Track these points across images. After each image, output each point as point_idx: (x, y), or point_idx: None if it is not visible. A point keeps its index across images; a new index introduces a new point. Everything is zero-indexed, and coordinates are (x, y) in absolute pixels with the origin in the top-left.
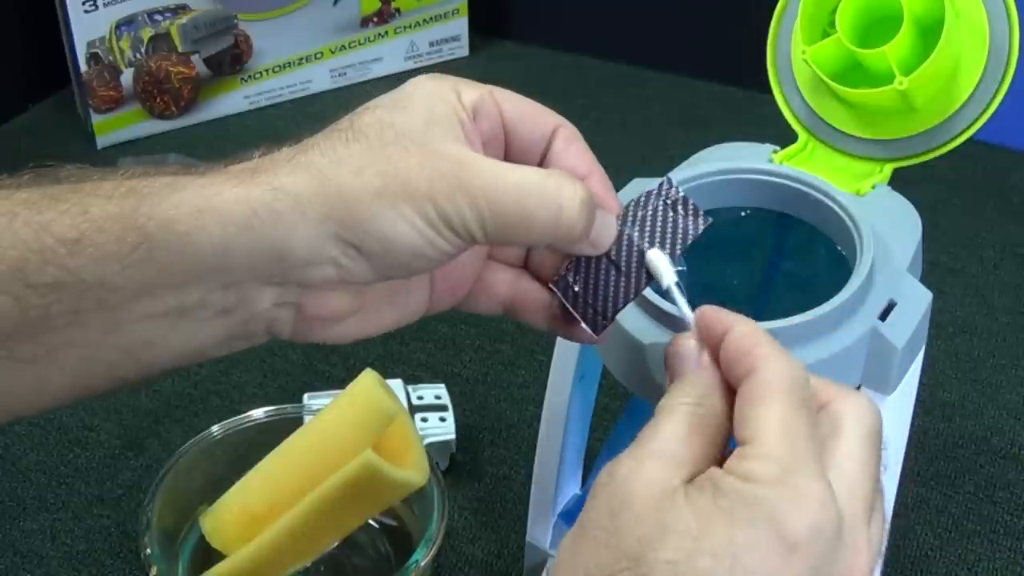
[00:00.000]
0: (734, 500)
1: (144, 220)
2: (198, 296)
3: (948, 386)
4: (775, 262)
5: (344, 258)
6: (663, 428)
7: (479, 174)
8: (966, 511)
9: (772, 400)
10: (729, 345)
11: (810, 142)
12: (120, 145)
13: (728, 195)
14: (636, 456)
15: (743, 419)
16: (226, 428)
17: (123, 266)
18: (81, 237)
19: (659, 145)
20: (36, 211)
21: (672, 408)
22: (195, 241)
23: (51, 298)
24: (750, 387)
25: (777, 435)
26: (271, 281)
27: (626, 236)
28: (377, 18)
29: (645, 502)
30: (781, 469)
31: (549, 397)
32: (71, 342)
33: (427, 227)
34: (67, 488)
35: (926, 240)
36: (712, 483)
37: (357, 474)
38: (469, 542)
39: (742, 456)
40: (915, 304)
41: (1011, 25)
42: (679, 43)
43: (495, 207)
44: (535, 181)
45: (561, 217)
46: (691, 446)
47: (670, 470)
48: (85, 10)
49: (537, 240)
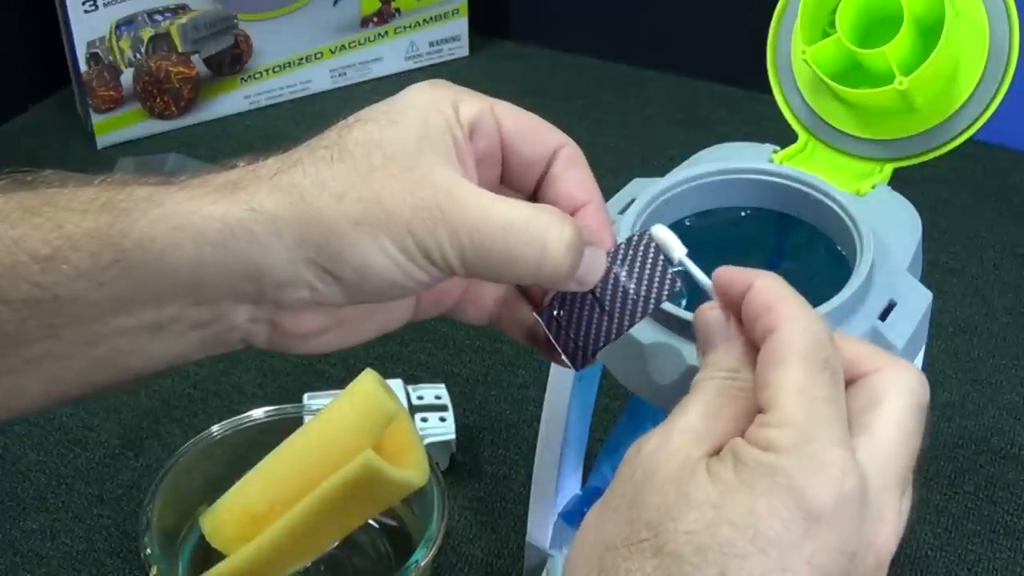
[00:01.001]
0: (753, 470)
1: (119, 238)
2: (173, 312)
3: (948, 386)
4: (775, 262)
5: (319, 283)
6: (693, 403)
7: (464, 208)
8: (966, 511)
9: (790, 362)
10: (750, 303)
11: (810, 142)
12: (120, 145)
13: (728, 195)
14: (664, 431)
15: (763, 384)
16: (226, 428)
17: (98, 283)
18: (55, 254)
19: (659, 145)
20: (9, 225)
21: (702, 383)
22: (170, 259)
23: (25, 313)
24: (769, 349)
25: (795, 400)
26: (246, 299)
27: (612, 275)
28: (377, 18)
29: (667, 473)
30: (799, 436)
31: (549, 397)
32: (47, 354)
33: (404, 258)
34: (67, 488)
35: (926, 240)
36: (733, 453)
37: (357, 474)
38: (469, 542)
39: (761, 424)
40: (915, 304)
41: (1011, 25)
42: (679, 43)
43: (477, 243)
44: (523, 218)
45: (545, 258)
46: (719, 420)
47: (694, 443)
48: (85, 10)
49: (519, 279)
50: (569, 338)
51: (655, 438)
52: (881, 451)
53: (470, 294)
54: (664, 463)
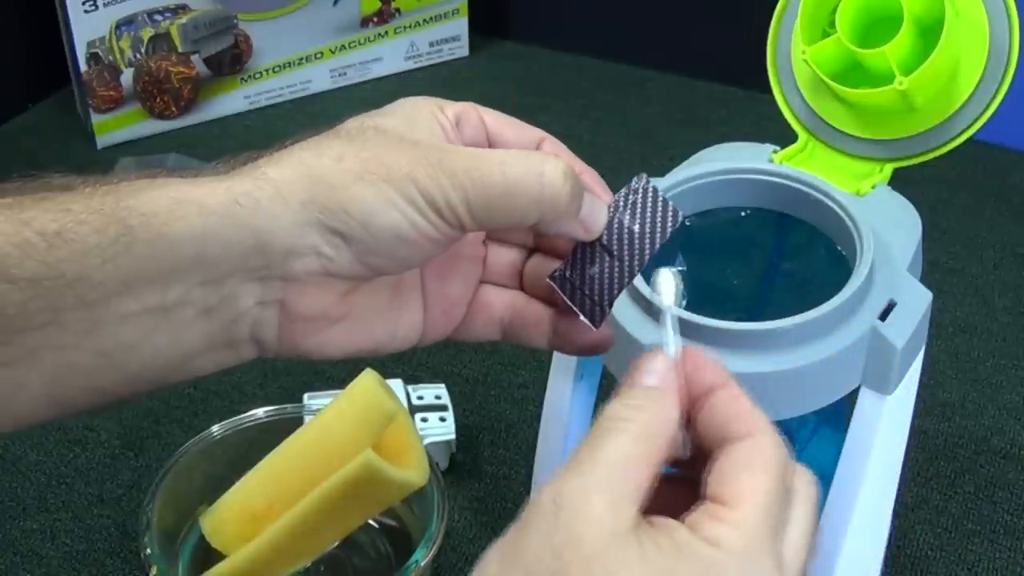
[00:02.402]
0: (694, 565)
1: (125, 213)
2: (179, 292)
3: (948, 386)
4: (775, 262)
5: (327, 247)
6: (609, 449)
7: (459, 155)
8: (966, 511)
9: (765, 472)
10: (726, 401)
11: (810, 142)
12: (120, 145)
13: (728, 195)
14: (583, 485)
15: (726, 479)
16: (226, 428)
17: (103, 260)
18: (62, 230)
19: (659, 145)
20: (19, 210)
21: (620, 421)
22: (175, 231)
23: (29, 293)
24: (746, 449)
25: (758, 508)
26: (253, 276)
27: (616, 221)
28: (377, 18)
29: (594, 547)
30: (749, 541)
31: (549, 397)
32: (49, 343)
33: (411, 209)
34: (67, 488)
35: (926, 240)
36: (672, 539)
37: (357, 474)
38: (469, 542)
39: (714, 517)
40: (915, 304)
41: (1011, 25)
42: (679, 43)
43: (478, 184)
44: (516, 156)
45: (544, 186)
46: (638, 473)
47: (620, 508)
48: (85, 10)
49: (524, 215)
50: (585, 295)
51: (572, 491)
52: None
53: (478, 304)
54: (591, 532)
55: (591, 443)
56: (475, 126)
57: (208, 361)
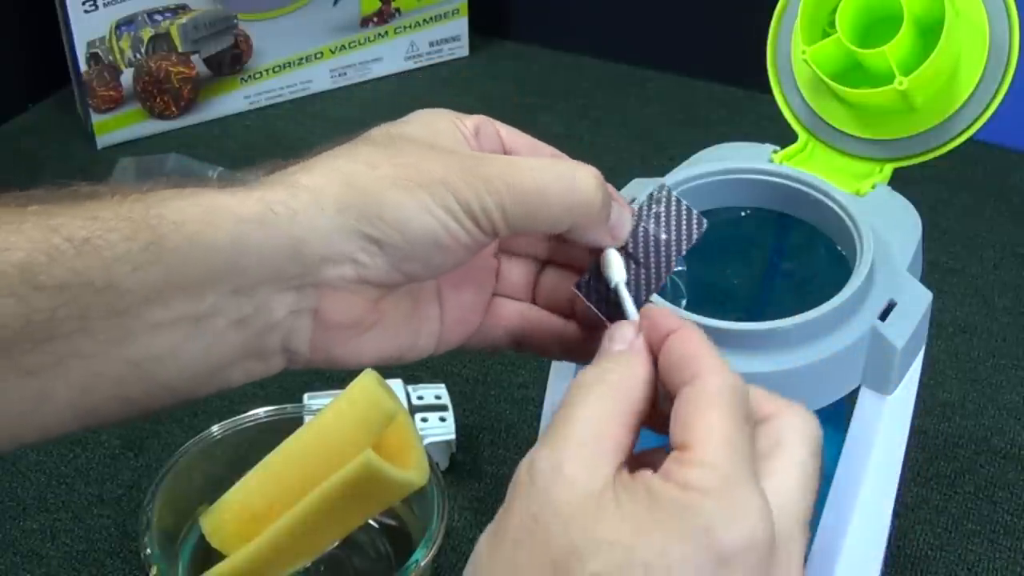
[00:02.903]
0: (668, 508)
1: (155, 220)
2: (211, 302)
3: (948, 386)
4: (775, 262)
5: (362, 254)
6: (579, 413)
7: (494, 161)
8: (966, 511)
9: (717, 409)
10: (674, 345)
11: (810, 142)
12: (120, 145)
13: (728, 195)
14: (556, 451)
15: (684, 424)
16: (226, 428)
17: (133, 267)
18: (91, 236)
19: (659, 145)
20: (47, 216)
21: (589, 386)
22: (208, 239)
23: (58, 301)
24: (695, 392)
25: (719, 444)
26: (288, 284)
27: (641, 229)
28: (377, 18)
29: (571, 507)
30: (721, 479)
31: (549, 397)
32: (77, 352)
33: (447, 215)
34: (67, 488)
35: (926, 240)
36: (646, 489)
37: (357, 474)
38: (469, 542)
39: (680, 462)
40: (915, 304)
41: (1011, 25)
42: (679, 43)
43: (513, 190)
44: (548, 162)
45: (576, 191)
46: (612, 432)
47: (594, 467)
48: (85, 10)
49: (558, 220)
50: (611, 303)
51: (545, 459)
52: (787, 499)
53: (493, 314)
54: (567, 495)
55: (562, 412)
56: (492, 138)
57: (238, 372)
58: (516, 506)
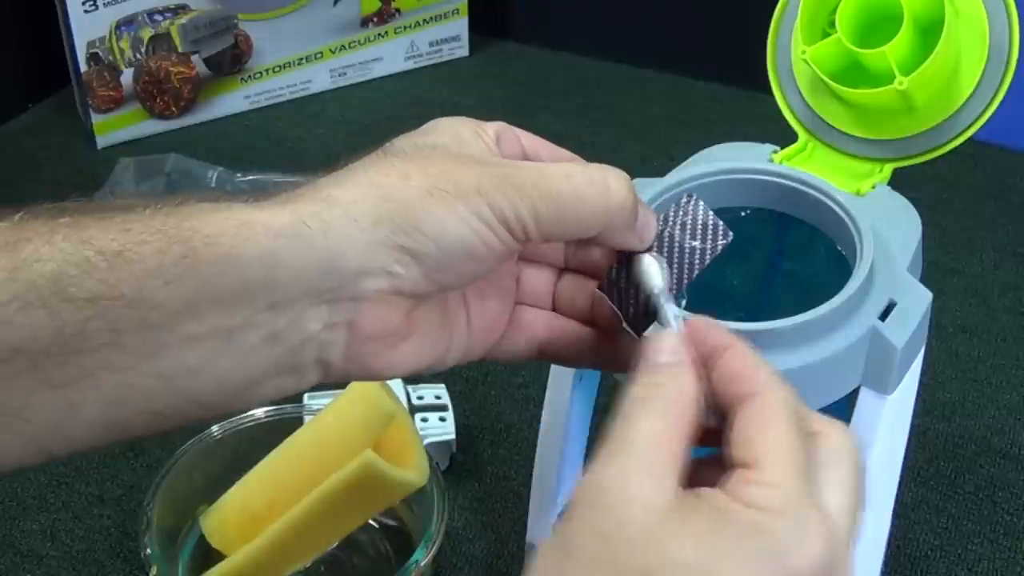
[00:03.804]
0: (738, 528)
1: (189, 233)
2: (244, 316)
3: (948, 386)
4: (775, 262)
5: (398, 265)
6: (640, 429)
7: (525, 169)
8: (966, 511)
9: (779, 427)
10: (731, 362)
11: (810, 142)
12: (120, 145)
13: (728, 195)
14: (621, 469)
15: (745, 441)
16: (226, 428)
17: (165, 281)
18: (123, 249)
19: (659, 145)
20: (78, 228)
21: (645, 400)
22: (242, 253)
23: (88, 313)
24: (755, 409)
25: (784, 464)
26: (322, 298)
27: (667, 235)
28: (377, 18)
29: (641, 528)
30: (787, 499)
31: (549, 397)
32: (108, 365)
33: (481, 223)
34: (67, 488)
35: (926, 240)
36: (712, 508)
37: (357, 474)
38: (469, 542)
39: (746, 480)
40: (915, 304)
41: (1011, 25)
42: (679, 43)
43: (546, 196)
44: (578, 168)
45: (610, 195)
46: (672, 447)
47: (659, 485)
48: (85, 10)
49: (589, 226)
50: (631, 303)
51: (611, 476)
52: (841, 517)
53: (517, 323)
54: (636, 513)
55: (621, 427)
56: (513, 144)
57: (271, 387)
58: (581, 523)
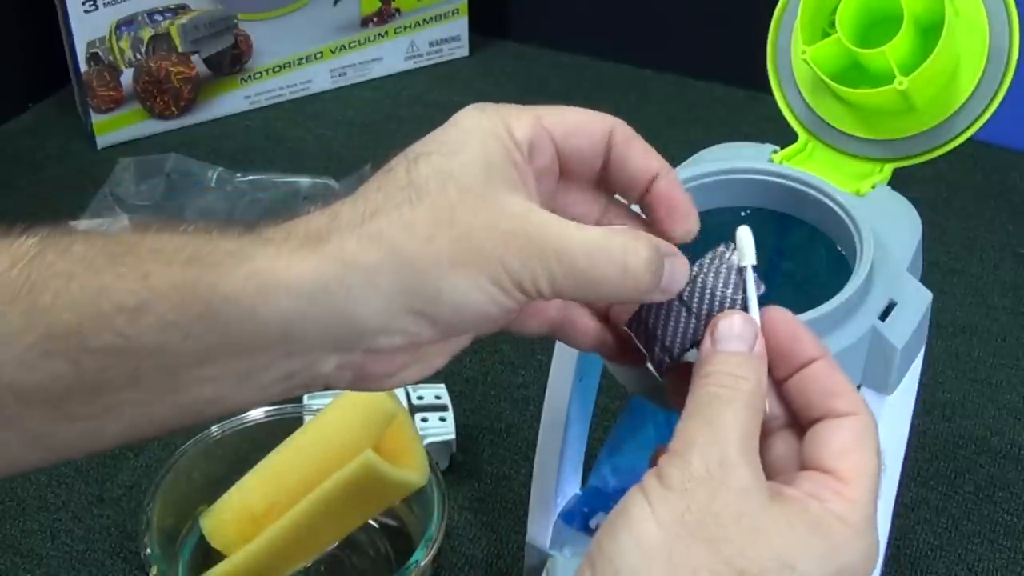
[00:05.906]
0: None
1: (207, 291)
2: (263, 362)
3: (948, 386)
4: (775, 262)
5: (413, 326)
6: (733, 417)
7: (548, 234)
8: (966, 511)
9: (871, 449)
10: (824, 375)
11: (810, 142)
12: (120, 145)
13: (728, 195)
14: (723, 455)
15: (842, 454)
16: (226, 428)
17: (184, 336)
18: (140, 306)
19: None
20: (93, 272)
21: (733, 394)
22: (261, 314)
23: (108, 362)
24: (858, 428)
25: (871, 487)
26: (339, 349)
27: (700, 281)
28: (377, 18)
29: (753, 520)
30: (865, 520)
31: (549, 397)
32: (128, 401)
33: (499, 292)
34: (67, 488)
35: (926, 240)
36: (810, 514)
37: (357, 474)
38: (469, 542)
39: (838, 494)
40: (915, 304)
41: (1011, 25)
42: (679, 43)
43: (567, 268)
44: (601, 242)
45: (627, 276)
46: (756, 441)
47: (759, 476)
48: (85, 10)
49: (605, 297)
50: (655, 340)
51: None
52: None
53: (533, 306)
54: (745, 503)
55: (709, 410)
56: (547, 153)
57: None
58: (693, 500)
